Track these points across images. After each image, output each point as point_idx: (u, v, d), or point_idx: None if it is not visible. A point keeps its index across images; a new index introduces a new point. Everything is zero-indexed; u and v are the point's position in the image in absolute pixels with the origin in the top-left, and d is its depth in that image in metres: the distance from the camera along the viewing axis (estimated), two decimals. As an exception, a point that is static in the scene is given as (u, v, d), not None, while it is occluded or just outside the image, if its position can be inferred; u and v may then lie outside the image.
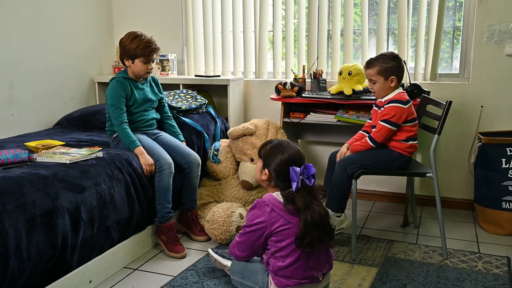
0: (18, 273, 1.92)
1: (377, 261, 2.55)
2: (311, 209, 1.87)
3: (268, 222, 1.91)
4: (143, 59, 2.74)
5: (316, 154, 3.73)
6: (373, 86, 2.60)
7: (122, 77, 2.80)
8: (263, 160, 1.99)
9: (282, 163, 1.92)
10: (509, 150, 2.90)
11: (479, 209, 3.05)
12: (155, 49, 2.78)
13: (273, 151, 1.96)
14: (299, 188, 1.87)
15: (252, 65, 3.84)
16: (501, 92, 3.16)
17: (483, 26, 3.14)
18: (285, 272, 1.92)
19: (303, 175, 1.88)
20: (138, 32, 2.80)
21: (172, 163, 2.70)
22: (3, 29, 3.16)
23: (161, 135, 2.94)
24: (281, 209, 1.90)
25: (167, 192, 2.69)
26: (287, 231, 1.89)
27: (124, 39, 2.78)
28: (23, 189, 2.02)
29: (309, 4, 3.56)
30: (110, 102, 2.73)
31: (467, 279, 2.34)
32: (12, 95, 3.24)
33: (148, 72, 2.80)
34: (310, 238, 1.85)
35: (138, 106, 2.82)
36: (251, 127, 3.15)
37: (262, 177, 2.00)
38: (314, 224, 1.85)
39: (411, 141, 2.61)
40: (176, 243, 2.67)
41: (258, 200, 1.97)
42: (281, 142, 1.99)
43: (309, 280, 1.93)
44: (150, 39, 2.78)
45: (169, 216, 2.72)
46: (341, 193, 2.61)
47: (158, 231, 2.74)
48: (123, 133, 2.70)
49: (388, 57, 2.57)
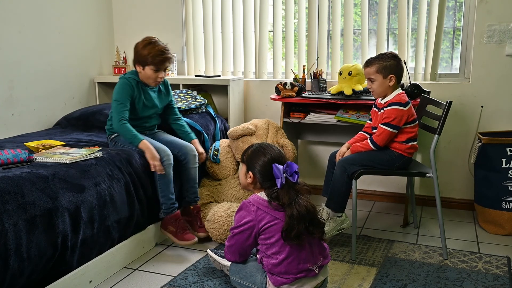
0: (18, 273, 1.92)
1: (377, 261, 2.55)
2: (296, 203, 1.91)
3: (255, 220, 1.95)
4: (153, 67, 2.68)
5: (316, 154, 3.73)
6: (372, 84, 2.60)
7: (132, 78, 2.74)
8: (247, 164, 2.06)
9: (265, 164, 1.98)
10: (509, 150, 2.90)
11: (479, 209, 3.05)
12: (166, 59, 2.70)
13: (255, 154, 2.02)
14: (283, 185, 1.93)
15: (252, 65, 3.84)
16: (501, 92, 3.16)
17: (483, 26, 3.14)
18: (279, 268, 1.94)
19: (286, 172, 1.94)
20: (154, 38, 2.74)
21: (171, 154, 2.69)
22: (3, 29, 3.16)
23: (157, 132, 2.94)
24: (266, 206, 1.95)
25: (169, 183, 2.68)
26: (274, 227, 1.93)
27: (139, 43, 2.73)
28: (23, 189, 2.02)
29: (309, 4, 3.56)
30: (115, 97, 2.69)
31: (467, 279, 2.34)
32: (12, 95, 3.24)
33: (157, 81, 2.74)
34: (297, 230, 1.88)
35: (141, 112, 2.79)
36: (251, 127, 3.15)
37: (247, 181, 2.06)
38: (299, 217, 1.89)
39: (411, 142, 2.61)
40: (185, 231, 2.66)
41: (243, 202, 2.02)
42: (262, 145, 2.06)
43: (305, 273, 1.95)
44: (163, 48, 2.70)
45: (175, 207, 2.70)
46: (342, 193, 2.61)
47: (164, 223, 2.71)
48: (124, 128, 2.64)
49: (387, 56, 2.57)
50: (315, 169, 3.70)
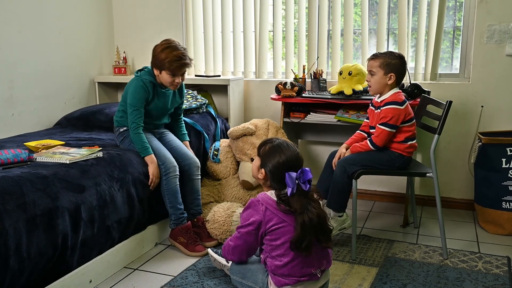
0: (18, 273, 1.92)
1: (377, 261, 2.55)
2: (309, 211, 1.86)
3: (263, 220, 1.91)
4: (170, 72, 2.65)
5: (316, 154, 3.72)
6: (371, 78, 2.60)
7: (149, 81, 2.71)
8: (261, 159, 1.99)
9: (279, 166, 1.91)
10: (509, 150, 2.90)
11: (479, 209, 3.05)
12: (184, 64, 2.66)
13: (271, 152, 1.95)
14: (293, 194, 1.86)
15: (252, 65, 3.84)
16: (501, 92, 3.16)
17: (483, 26, 3.14)
18: (283, 270, 1.92)
19: (299, 179, 1.87)
20: (173, 42, 2.69)
21: (177, 166, 2.70)
22: (3, 29, 3.16)
23: (166, 134, 2.94)
24: (275, 208, 1.90)
25: (176, 194, 2.69)
26: (281, 230, 1.89)
27: (157, 46, 2.69)
28: (23, 189, 2.02)
29: (309, 4, 3.56)
30: (130, 102, 2.67)
31: (467, 279, 2.34)
32: (12, 95, 3.24)
33: (175, 85, 2.71)
34: (307, 242, 1.84)
35: (154, 112, 2.79)
36: (251, 127, 3.14)
37: (258, 175, 2.00)
38: (312, 226, 1.85)
39: (409, 141, 2.60)
40: (196, 243, 2.66)
41: (252, 200, 1.96)
42: (280, 144, 1.97)
43: (308, 277, 1.93)
44: (181, 53, 2.64)
45: (184, 217, 2.71)
46: (342, 193, 2.61)
47: (174, 234, 2.71)
48: (138, 137, 2.65)
49: (394, 55, 2.58)
50: (315, 169, 3.68)
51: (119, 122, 2.83)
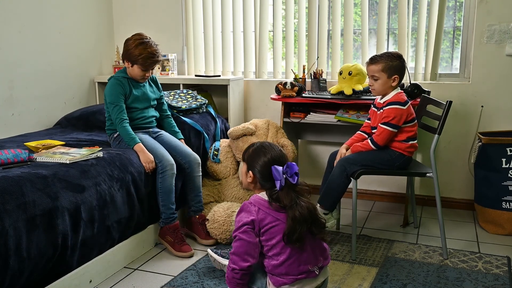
0: (18, 273, 1.92)
1: (377, 261, 2.55)
2: (298, 205, 1.89)
3: (256, 219, 1.93)
4: (142, 67, 2.75)
5: (316, 154, 3.72)
6: (374, 83, 2.60)
7: (122, 76, 2.80)
8: (247, 163, 2.03)
9: (265, 164, 1.95)
10: (509, 150, 2.90)
11: (479, 209, 3.05)
12: (157, 61, 2.80)
13: (255, 153, 2.00)
14: (283, 186, 1.90)
15: (252, 65, 3.84)
16: (501, 92, 3.16)
17: (483, 26, 3.14)
18: (280, 269, 1.93)
19: (286, 173, 1.91)
20: (146, 38, 2.78)
21: (174, 164, 2.71)
22: (3, 29, 3.16)
23: (161, 134, 2.94)
24: (267, 207, 1.93)
25: (170, 193, 2.70)
26: (275, 228, 1.91)
27: (130, 41, 2.77)
28: (23, 189, 2.02)
29: (309, 4, 3.56)
30: (109, 100, 2.75)
31: (467, 279, 2.34)
32: (12, 95, 3.24)
33: (145, 78, 2.82)
34: (299, 233, 1.87)
35: (137, 104, 2.83)
36: (251, 127, 3.15)
37: (247, 180, 2.03)
38: (302, 219, 1.88)
39: (411, 141, 2.61)
40: (183, 243, 2.68)
41: (244, 202, 1.99)
42: (263, 144, 2.03)
43: (305, 274, 1.94)
44: (154, 51, 2.75)
45: (174, 217, 2.72)
46: (337, 192, 2.61)
47: (162, 233, 2.73)
48: (123, 130, 2.71)
49: (393, 56, 2.57)
50: (315, 169, 3.70)
51: (110, 129, 2.87)
